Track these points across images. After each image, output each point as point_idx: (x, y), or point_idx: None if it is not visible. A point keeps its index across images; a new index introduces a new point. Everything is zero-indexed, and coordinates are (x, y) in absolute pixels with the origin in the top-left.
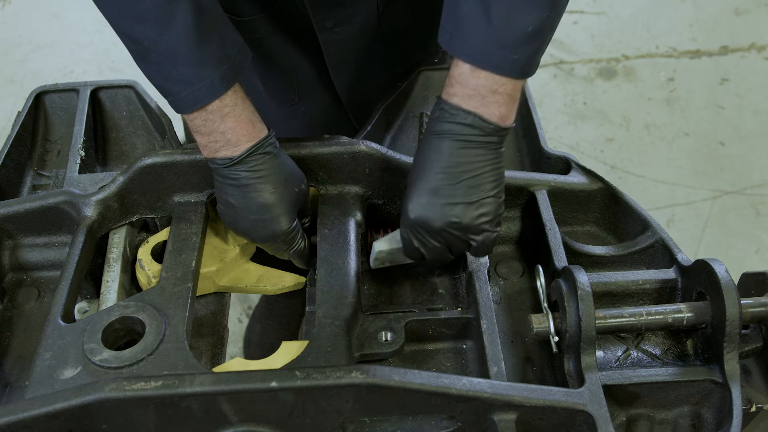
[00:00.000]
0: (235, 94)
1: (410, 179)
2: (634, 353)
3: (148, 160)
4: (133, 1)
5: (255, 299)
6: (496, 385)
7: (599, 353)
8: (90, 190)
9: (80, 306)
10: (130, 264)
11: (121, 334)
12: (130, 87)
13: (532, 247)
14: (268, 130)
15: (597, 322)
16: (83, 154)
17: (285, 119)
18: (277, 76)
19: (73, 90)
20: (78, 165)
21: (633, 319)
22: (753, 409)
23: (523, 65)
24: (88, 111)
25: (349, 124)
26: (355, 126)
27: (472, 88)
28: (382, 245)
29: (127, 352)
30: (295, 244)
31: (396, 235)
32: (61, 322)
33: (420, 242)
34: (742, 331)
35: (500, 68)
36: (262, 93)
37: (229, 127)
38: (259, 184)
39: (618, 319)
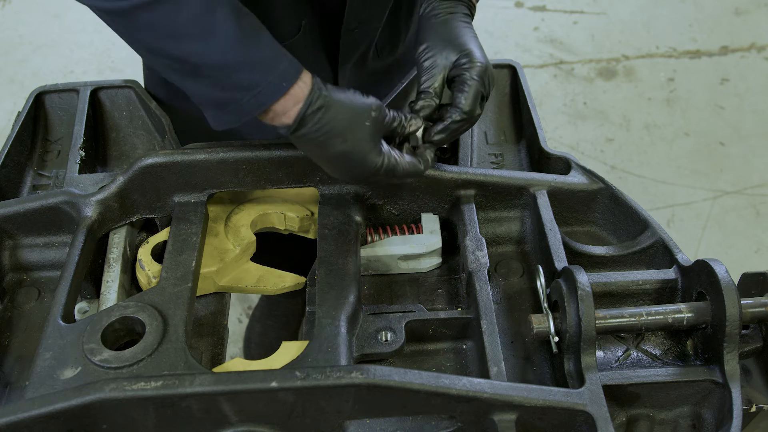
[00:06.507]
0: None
1: (449, 41)
2: (634, 353)
3: (148, 160)
4: (168, 19)
5: (255, 299)
6: (496, 385)
7: (599, 353)
8: (90, 190)
9: (80, 306)
10: (130, 264)
11: (121, 335)
12: (130, 87)
13: (532, 247)
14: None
15: (597, 322)
16: (83, 154)
17: None
18: None
19: (73, 90)
20: (78, 165)
21: (633, 319)
22: (753, 409)
23: None
24: (88, 111)
25: None
26: None
27: None
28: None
29: (127, 352)
30: (394, 172)
31: (414, 239)
32: (61, 322)
33: (485, 86)
34: (742, 331)
35: None
36: None
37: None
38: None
39: (618, 320)
